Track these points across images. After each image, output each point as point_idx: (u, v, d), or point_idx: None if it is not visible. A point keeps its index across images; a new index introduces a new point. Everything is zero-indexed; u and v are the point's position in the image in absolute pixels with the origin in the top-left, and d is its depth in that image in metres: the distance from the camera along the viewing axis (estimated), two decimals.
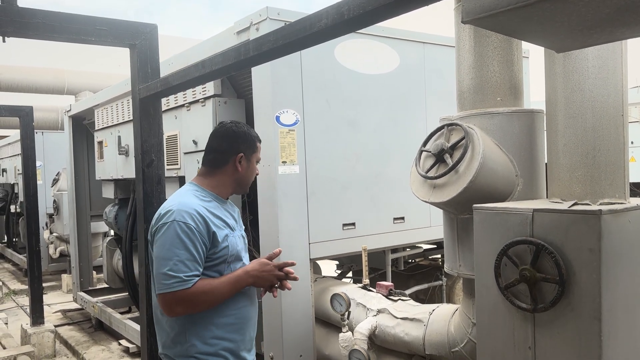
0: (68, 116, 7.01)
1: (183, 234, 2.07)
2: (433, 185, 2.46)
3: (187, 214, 2.10)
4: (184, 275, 2.05)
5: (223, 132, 2.34)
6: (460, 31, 2.55)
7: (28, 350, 5.34)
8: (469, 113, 2.48)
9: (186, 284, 2.05)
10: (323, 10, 1.53)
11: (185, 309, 2.10)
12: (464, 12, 1.37)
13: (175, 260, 2.05)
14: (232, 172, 2.31)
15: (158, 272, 2.08)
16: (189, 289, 2.05)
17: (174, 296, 2.05)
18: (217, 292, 2.13)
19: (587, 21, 1.35)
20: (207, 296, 2.10)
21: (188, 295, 2.06)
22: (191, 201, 2.18)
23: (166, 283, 2.05)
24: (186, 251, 2.06)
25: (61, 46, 16.81)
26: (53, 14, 2.50)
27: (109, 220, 6.36)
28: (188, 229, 2.08)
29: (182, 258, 2.05)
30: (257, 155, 2.38)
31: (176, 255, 2.05)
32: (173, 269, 2.05)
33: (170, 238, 2.07)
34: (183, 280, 2.04)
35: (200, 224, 2.11)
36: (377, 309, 3.16)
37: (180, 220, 2.08)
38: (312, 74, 3.42)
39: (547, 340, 1.89)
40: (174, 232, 2.07)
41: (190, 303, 2.08)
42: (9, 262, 12.15)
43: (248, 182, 2.38)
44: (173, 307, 2.08)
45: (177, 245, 2.06)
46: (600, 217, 1.74)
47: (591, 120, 2.07)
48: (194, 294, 2.06)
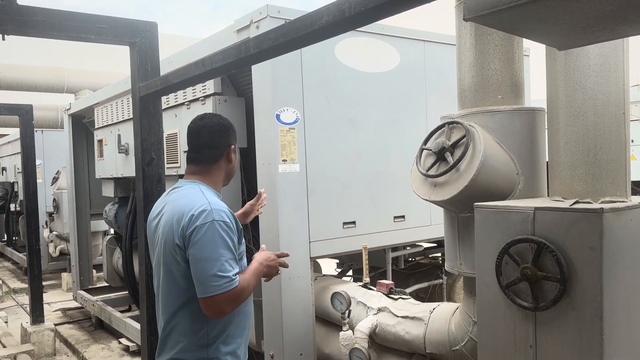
0: (68, 115, 7.00)
1: (224, 233, 2.07)
2: (434, 184, 2.45)
3: (223, 213, 2.10)
4: (232, 274, 2.05)
5: (214, 126, 2.30)
6: (461, 29, 2.54)
7: (28, 349, 5.34)
8: (470, 111, 2.48)
9: (234, 282, 2.05)
10: (324, 8, 1.52)
11: (233, 307, 2.11)
12: (465, 10, 1.37)
13: (222, 260, 2.04)
14: (225, 165, 2.33)
15: (206, 274, 2.03)
16: (236, 287, 2.06)
17: (226, 296, 2.04)
18: (251, 285, 2.17)
19: (590, 18, 1.34)
20: (246, 291, 2.13)
21: (236, 293, 2.06)
22: (217, 200, 2.18)
23: (217, 284, 2.02)
24: (229, 250, 2.07)
25: (61, 44, 16.79)
26: (53, 11, 2.49)
27: (108, 218, 6.35)
28: (228, 228, 2.08)
29: (227, 257, 2.06)
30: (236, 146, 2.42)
31: (222, 256, 2.04)
32: (222, 269, 2.03)
33: (213, 238, 2.04)
34: (231, 279, 2.05)
35: (233, 222, 2.13)
36: (378, 308, 3.15)
37: (220, 220, 2.07)
38: (312, 72, 3.41)
39: (548, 338, 1.88)
40: (216, 232, 2.05)
41: (237, 300, 2.10)
42: (8, 261, 12.16)
43: (233, 174, 2.40)
44: (224, 307, 2.06)
45: (221, 245, 2.05)
46: (601, 215, 1.73)
47: (592, 118, 2.06)
48: (239, 290, 2.08)
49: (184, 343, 2.16)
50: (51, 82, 10.56)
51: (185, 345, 2.16)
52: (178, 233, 2.10)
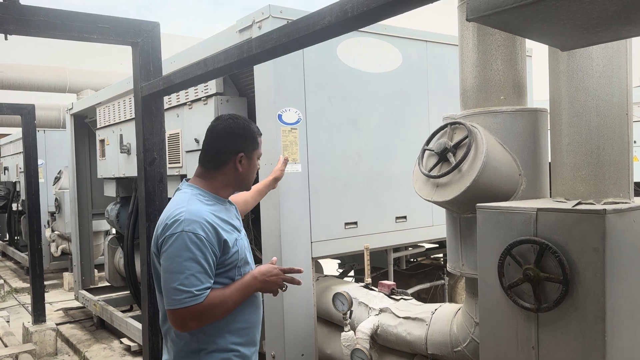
0: (70, 114, 7.01)
1: (193, 245, 1.95)
2: (436, 184, 2.45)
3: (196, 224, 1.98)
4: (195, 290, 1.94)
5: (221, 130, 2.19)
6: (463, 29, 2.54)
7: (30, 349, 5.34)
8: (472, 112, 2.47)
9: (198, 298, 1.94)
10: (327, 8, 1.52)
11: (198, 323, 2.00)
12: (469, 10, 1.37)
13: (186, 273, 1.94)
14: (233, 172, 2.18)
15: (168, 287, 1.96)
16: (201, 303, 1.95)
17: (187, 311, 1.95)
18: (229, 301, 2.04)
19: (593, 19, 1.34)
20: (219, 308, 2.01)
21: (201, 309, 1.96)
22: (198, 208, 2.05)
23: (177, 298, 1.94)
24: (197, 264, 1.95)
25: (63, 44, 16.81)
26: (55, 11, 2.49)
27: (110, 218, 6.36)
28: (198, 240, 1.96)
29: (193, 271, 1.94)
30: (258, 151, 2.25)
31: (187, 269, 1.94)
32: (184, 283, 1.93)
33: (179, 250, 1.95)
34: (194, 294, 1.94)
35: (210, 233, 2.00)
36: (379, 308, 3.15)
37: (190, 231, 1.96)
38: (314, 72, 3.41)
39: (550, 340, 1.88)
40: (183, 244, 1.95)
41: (203, 317, 1.99)
42: (10, 260, 12.17)
43: (250, 181, 2.26)
44: (186, 322, 1.97)
45: (187, 258, 1.94)
46: (604, 216, 1.73)
47: (595, 119, 2.05)
48: (207, 307, 1.97)
49: (176, 348, 2.13)
50: (53, 82, 10.56)
51: (178, 350, 2.12)
52: (155, 242, 2.08)
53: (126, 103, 5.37)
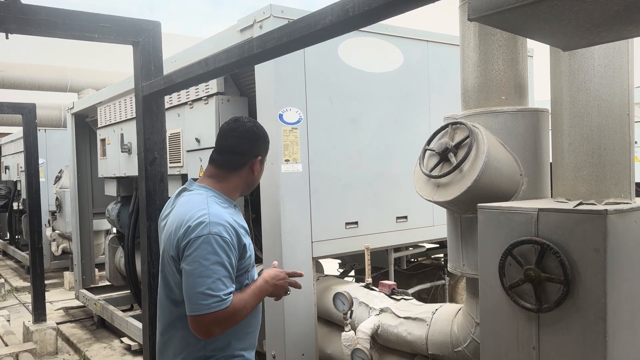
0: (71, 114, 7.01)
1: (219, 249, 1.92)
2: (437, 184, 2.45)
3: (221, 227, 1.95)
4: (222, 294, 1.90)
5: (245, 132, 2.15)
6: (465, 29, 2.53)
7: (30, 348, 5.34)
8: (474, 112, 2.47)
9: (225, 303, 1.91)
10: (328, 8, 1.52)
11: (222, 329, 1.96)
12: (470, 10, 1.36)
13: (213, 278, 1.90)
14: (247, 175, 2.17)
15: (194, 292, 1.90)
16: (227, 308, 1.91)
17: (213, 317, 1.90)
18: (248, 306, 2.03)
19: (595, 19, 1.34)
20: (241, 313, 2.00)
21: (226, 314, 1.92)
22: (220, 211, 2.02)
23: (205, 303, 1.89)
24: (223, 267, 1.92)
25: (64, 43, 16.82)
26: (56, 10, 2.49)
27: (111, 217, 6.36)
28: (224, 242, 1.93)
29: (220, 275, 1.91)
30: (266, 156, 2.29)
31: (214, 273, 1.90)
32: (211, 287, 1.89)
33: (206, 253, 1.91)
34: (222, 299, 1.90)
35: (233, 237, 1.98)
36: (380, 308, 3.15)
37: (216, 234, 1.93)
38: (315, 72, 3.41)
39: (551, 340, 1.88)
40: (210, 247, 1.91)
41: (228, 322, 1.96)
42: (11, 259, 12.18)
43: (255, 184, 2.27)
44: (212, 328, 1.93)
45: (214, 261, 1.91)
46: (605, 217, 1.73)
47: (597, 119, 2.05)
48: (231, 312, 1.94)
49: (183, 354, 2.09)
50: (54, 81, 10.55)
51: (185, 356, 2.09)
52: (174, 244, 2.01)
53: (127, 102, 5.38)
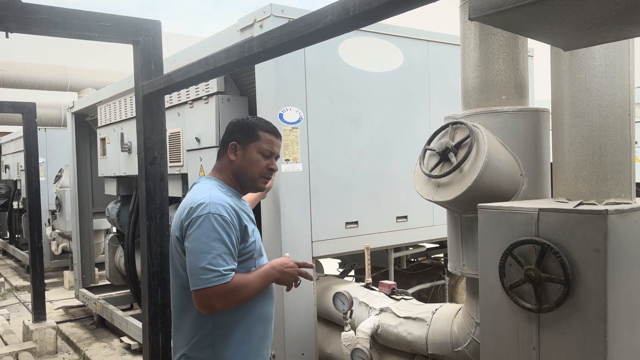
0: (71, 113, 7.01)
1: (219, 226, 2.02)
2: (437, 184, 2.45)
3: (221, 207, 2.07)
4: (223, 269, 1.99)
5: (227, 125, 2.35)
6: (465, 29, 2.53)
7: (30, 347, 5.34)
8: (474, 111, 2.47)
9: (225, 278, 1.99)
10: (329, 7, 1.51)
11: (223, 304, 2.04)
12: (471, 9, 1.36)
13: (213, 254, 2.00)
14: (229, 162, 2.27)
15: (195, 267, 2.01)
16: (227, 284, 2.00)
17: (214, 291, 1.99)
18: (252, 286, 2.08)
19: (596, 19, 1.34)
20: (244, 290, 2.06)
21: (227, 289, 2.00)
22: (221, 195, 2.14)
23: (205, 278, 1.99)
24: (223, 244, 2.02)
25: (64, 42, 16.81)
26: (56, 9, 2.49)
27: (111, 217, 6.36)
28: (223, 221, 2.04)
29: (220, 252, 2.01)
30: (259, 145, 2.25)
31: (214, 249, 2.00)
32: (212, 262, 1.99)
33: (206, 231, 2.01)
34: (222, 274, 1.99)
35: (233, 217, 2.08)
36: (380, 308, 3.15)
37: (216, 213, 2.04)
38: (315, 72, 3.41)
39: (551, 340, 1.87)
40: (210, 225, 2.02)
41: (229, 298, 2.03)
42: (11, 259, 12.17)
43: (249, 174, 2.27)
44: (213, 302, 2.01)
45: (214, 239, 2.01)
46: (606, 217, 1.72)
47: (597, 119, 2.05)
48: (232, 288, 2.01)
49: (193, 340, 2.15)
50: (54, 80, 10.55)
51: (195, 342, 2.15)
52: (178, 225, 2.13)
53: (127, 102, 5.37)
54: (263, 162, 2.26)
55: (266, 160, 2.27)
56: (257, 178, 2.27)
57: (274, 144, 2.29)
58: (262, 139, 2.26)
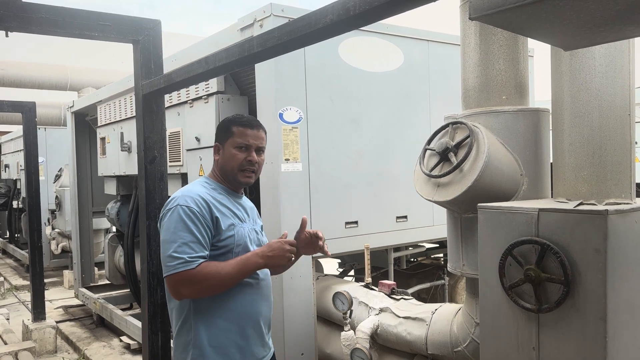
0: (71, 112, 7.01)
1: (186, 217, 2.10)
2: (437, 184, 2.44)
3: (189, 198, 2.14)
4: (188, 257, 2.05)
5: None
6: (465, 29, 2.53)
7: (29, 346, 5.34)
8: (474, 111, 2.47)
9: (190, 264, 2.04)
10: (329, 6, 1.51)
11: (190, 290, 2.09)
12: (471, 9, 1.36)
13: (179, 242, 2.07)
14: (216, 163, 2.34)
15: (164, 256, 2.10)
16: (193, 270, 2.04)
17: (179, 277, 2.05)
18: (223, 272, 2.09)
19: (596, 19, 1.33)
20: (213, 277, 2.07)
21: (192, 275, 2.05)
22: (196, 189, 2.22)
23: (170, 265, 2.06)
24: (190, 234, 2.08)
25: (64, 41, 16.80)
26: (56, 9, 2.49)
27: (111, 216, 6.35)
28: (191, 212, 2.11)
29: (186, 240, 2.07)
30: (233, 140, 2.26)
31: (180, 238, 2.07)
32: (177, 250, 2.06)
33: (174, 222, 2.10)
34: (187, 261, 2.05)
35: (203, 208, 2.13)
36: (380, 308, 3.15)
37: (183, 204, 2.12)
38: (315, 72, 3.41)
39: (551, 340, 1.87)
40: (177, 216, 2.10)
41: (195, 284, 2.07)
42: (11, 258, 12.17)
43: (229, 170, 2.27)
44: (179, 288, 2.08)
45: (181, 228, 2.08)
46: (606, 217, 1.72)
47: (598, 119, 2.05)
48: (199, 274, 2.05)
49: (177, 324, 2.24)
50: (54, 79, 10.55)
51: (179, 326, 2.24)
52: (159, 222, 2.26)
53: (127, 101, 5.37)
54: (239, 155, 2.26)
55: (243, 153, 2.26)
56: (236, 172, 2.27)
57: (248, 135, 2.27)
58: (235, 134, 2.27)
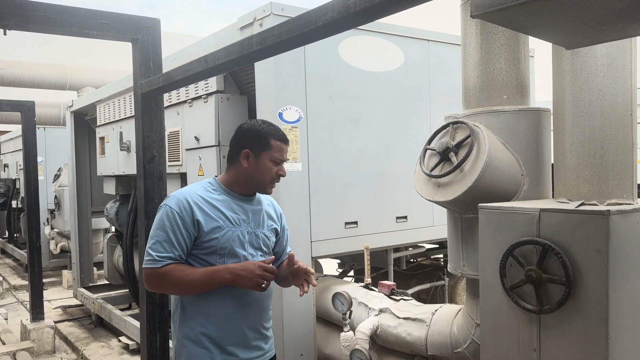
0: (70, 112, 6.99)
1: (166, 218, 2.18)
2: (437, 184, 2.43)
3: (175, 200, 2.21)
4: (156, 255, 2.15)
5: (237, 128, 2.36)
6: (466, 28, 2.52)
7: (27, 346, 5.33)
8: (475, 111, 2.45)
9: (156, 263, 2.14)
10: (329, 4, 1.50)
11: (154, 287, 2.24)
12: (473, 6, 1.35)
13: (155, 239, 2.17)
14: (241, 168, 2.30)
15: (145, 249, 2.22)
16: (158, 269, 2.14)
17: (145, 273, 2.17)
18: (187, 279, 2.15)
19: (599, 17, 1.32)
20: (175, 280, 2.15)
21: (156, 274, 2.15)
22: (189, 190, 2.27)
23: (145, 259, 2.18)
24: (164, 233, 2.17)
25: (63, 40, 16.78)
26: (55, 7, 2.47)
27: (110, 216, 6.34)
28: (171, 213, 2.18)
29: (161, 239, 2.17)
30: (271, 153, 2.27)
31: (157, 236, 2.18)
32: (152, 247, 2.17)
33: (157, 220, 2.22)
34: (154, 259, 2.15)
35: (184, 210, 2.18)
36: (379, 309, 3.13)
37: (167, 204, 2.21)
38: (315, 71, 3.39)
39: (552, 342, 1.86)
40: (160, 215, 2.21)
41: (158, 283, 2.19)
42: (9, 258, 12.15)
43: (260, 181, 2.30)
44: (147, 282, 2.20)
45: (159, 227, 2.19)
46: (608, 217, 1.71)
47: (599, 119, 2.04)
48: (161, 274, 2.14)
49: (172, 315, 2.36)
50: (53, 79, 10.53)
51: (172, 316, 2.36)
52: None
53: (126, 100, 5.36)
54: (274, 169, 2.29)
55: (276, 167, 2.30)
56: (267, 184, 2.32)
57: (284, 151, 2.33)
58: (274, 148, 2.28)
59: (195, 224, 2.18)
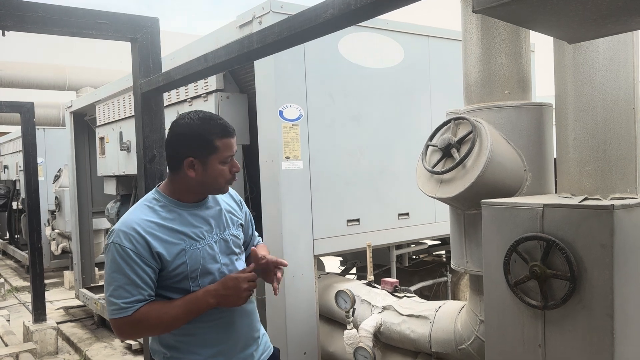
0: (69, 112, 6.98)
1: (119, 258, 1.90)
2: (440, 181, 2.42)
3: (124, 235, 1.92)
4: (122, 302, 1.89)
5: (170, 132, 2.03)
6: (467, 23, 2.50)
7: (30, 348, 5.32)
8: (477, 107, 2.44)
9: (125, 311, 1.90)
10: (329, 1, 1.49)
11: (130, 334, 2.00)
12: (474, 1, 1.33)
13: (114, 285, 1.90)
14: (188, 178, 2.00)
15: (105, 296, 1.96)
16: (129, 316, 1.90)
17: (116, 323, 1.93)
18: (167, 317, 1.93)
19: (602, 10, 1.31)
20: (154, 322, 1.92)
21: (129, 323, 1.91)
22: (134, 218, 1.97)
23: (109, 309, 1.93)
24: (124, 276, 1.90)
25: (62, 41, 16.76)
26: (53, 7, 2.46)
27: (111, 216, 6.33)
28: (124, 252, 1.90)
29: (120, 283, 1.90)
30: (219, 156, 1.98)
31: (115, 280, 1.90)
32: (113, 294, 1.91)
33: (109, 261, 1.94)
34: (121, 307, 1.90)
35: (138, 245, 1.91)
36: (382, 306, 3.13)
37: (117, 242, 1.92)
38: (316, 68, 3.38)
39: (557, 337, 1.85)
40: (112, 256, 1.92)
41: (133, 330, 1.97)
42: (11, 259, 12.15)
43: (214, 186, 2.04)
44: (120, 332, 1.96)
45: (114, 269, 1.91)
46: (612, 212, 1.70)
47: (602, 113, 2.03)
48: (136, 321, 1.91)
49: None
50: (52, 79, 10.51)
51: None
52: None
53: (126, 100, 5.34)
54: (226, 170, 2.02)
55: (228, 165, 2.03)
56: (223, 186, 2.07)
57: (232, 145, 2.02)
58: (220, 149, 1.98)
59: (156, 256, 1.92)
